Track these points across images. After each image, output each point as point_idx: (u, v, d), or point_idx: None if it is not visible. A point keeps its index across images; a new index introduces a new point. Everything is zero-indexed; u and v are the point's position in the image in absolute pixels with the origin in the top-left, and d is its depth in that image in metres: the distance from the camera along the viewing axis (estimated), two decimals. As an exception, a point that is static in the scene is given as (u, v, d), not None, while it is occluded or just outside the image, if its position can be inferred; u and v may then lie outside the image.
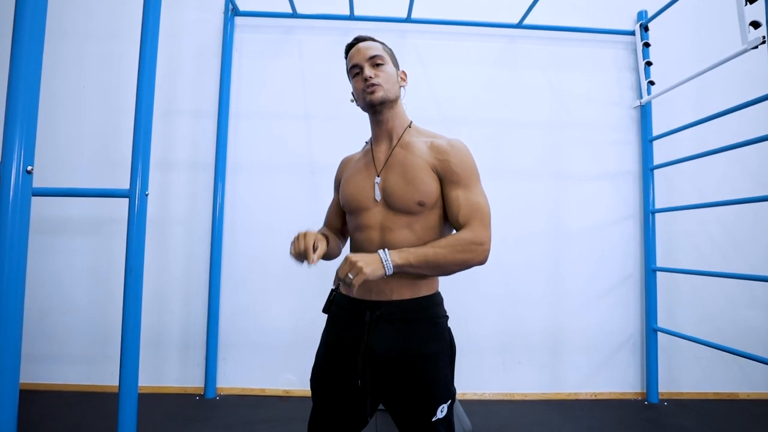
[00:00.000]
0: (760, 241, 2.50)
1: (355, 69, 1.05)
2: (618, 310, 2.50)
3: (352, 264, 0.85)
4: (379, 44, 1.07)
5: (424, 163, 0.98)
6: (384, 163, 1.03)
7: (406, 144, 1.03)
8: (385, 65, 1.03)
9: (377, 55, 1.03)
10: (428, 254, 0.90)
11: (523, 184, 2.52)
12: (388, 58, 1.06)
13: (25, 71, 0.83)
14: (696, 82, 2.36)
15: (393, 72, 1.05)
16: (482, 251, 0.92)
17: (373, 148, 1.08)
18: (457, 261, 0.91)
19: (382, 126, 1.06)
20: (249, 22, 2.52)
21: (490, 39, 2.57)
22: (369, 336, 0.95)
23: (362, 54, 1.03)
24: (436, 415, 0.94)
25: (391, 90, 1.03)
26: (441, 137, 1.04)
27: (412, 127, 1.08)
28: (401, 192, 0.98)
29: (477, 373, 2.42)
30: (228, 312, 2.41)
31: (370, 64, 1.02)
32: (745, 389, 2.46)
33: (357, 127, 2.55)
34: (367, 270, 0.85)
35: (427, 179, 0.97)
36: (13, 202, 0.79)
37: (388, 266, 0.87)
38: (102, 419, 1.97)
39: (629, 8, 2.58)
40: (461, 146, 1.01)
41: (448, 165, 0.97)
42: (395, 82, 1.05)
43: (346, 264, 0.86)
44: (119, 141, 2.42)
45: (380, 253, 0.88)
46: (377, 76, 1.01)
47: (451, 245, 0.91)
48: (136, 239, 1.24)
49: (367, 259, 0.86)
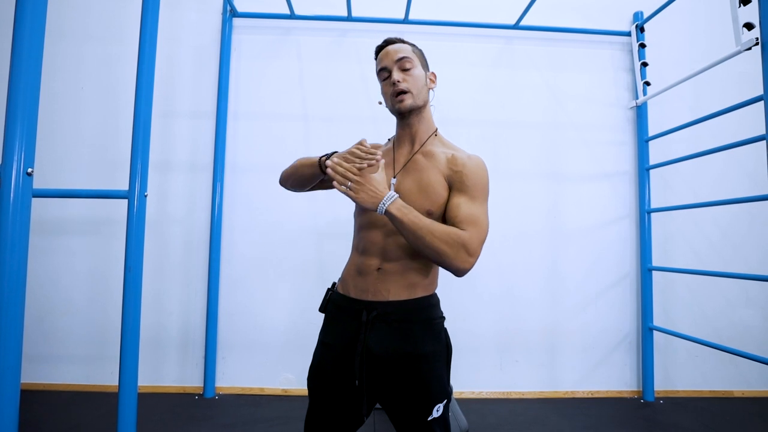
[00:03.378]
0: (755, 241, 2.51)
1: (383, 73, 1.05)
2: (614, 309, 2.51)
3: (359, 183, 0.91)
4: (409, 46, 1.06)
5: (438, 173, 0.99)
6: (402, 167, 1.04)
7: (428, 152, 1.04)
8: (413, 68, 1.03)
9: (405, 57, 1.02)
10: (421, 226, 0.90)
11: (520, 184, 2.53)
12: (417, 61, 1.05)
13: (25, 73, 0.83)
14: (691, 83, 2.38)
15: (422, 75, 1.04)
16: (466, 260, 0.90)
17: (395, 148, 1.09)
18: (438, 249, 0.90)
19: (406, 129, 1.07)
20: (247, 24, 2.53)
21: (487, 40, 2.59)
22: (366, 336, 0.96)
23: (390, 57, 1.03)
24: (432, 415, 0.95)
25: (419, 95, 1.03)
26: (462, 151, 1.04)
27: (437, 136, 1.08)
28: (413, 198, 0.98)
29: (474, 371, 2.44)
30: (227, 312, 2.42)
31: (399, 68, 1.02)
32: (740, 387, 2.48)
33: (355, 128, 2.57)
34: (359, 197, 0.91)
35: (439, 189, 0.98)
36: (14, 203, 0.80)
37: (381, 209, 0.91)
38: (102, 419, 1.98)
39: (625, 9, 2.59)
40: (479, 162, 1.01)
41: (461, 176, 0.98)
42: (423, 85, 1.04)
43: (358, 176, 0.91)
44: (118, 142, 2.42)
45: (387, 196, 0.91)
46: (405, 81, 1.01)
47: (446, 234, 0.90)
48: (135, 240, 1.25)
49: (370, 191, 0.91)
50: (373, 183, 0.91)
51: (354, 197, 0.91)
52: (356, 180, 0.91)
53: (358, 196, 0.90)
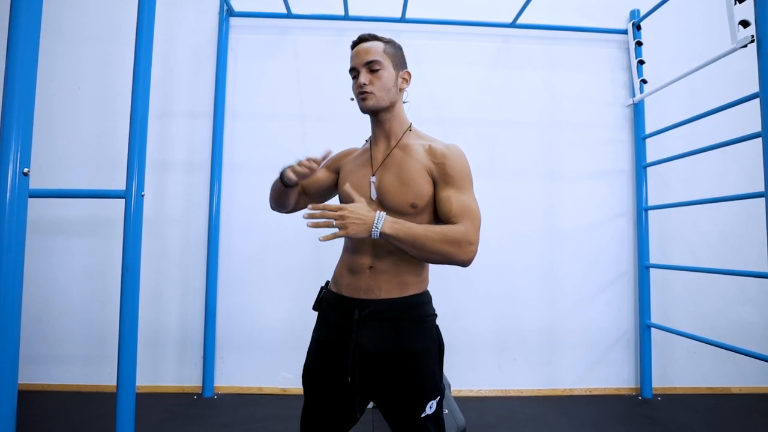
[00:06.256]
0: (752, 238, 2.52)
1: (353, 72, 1.06)
2: (612, 307, 2.52)
3: (343, 217, 0.89)
4: (381, 44, 1.05)
5: (419, 166, 1.00)
6: (381, 163, 1.04)
7: (405, 146, 1.04)
8: (382, 70, 1.02)
9: (374, 60, 1.02)
10: (418, 235, 0.90)
11: (518, 182, 2.53)
12: (389, 62, 1.04)
13: (21, 73, 0.83)
14: (688, 81, 2.38)
15: (390, 77, 1.04)
16: (470, 251, 0.92)
17: (372, 147, 1.10)
18: (442, 252, 0.90)
19: (380, 126, 1.08)
20: (244, 23, 2.53)
21: (485, 39, 2.59)
22: (358, 334, 0.96)
23: (360, 58, 1.03)
24: (425, 411, 0.95)
25: (384, 98, 1.03)
26: (439, 141, 1.05)
27: (412, 131, 1.09)
28: (395, 192, 0.99)
29: (473, 370, 2.44)
30: (225, 311, 2.42)
31: (367, 70, 1.02)
32: (737, 383, 2.49)
33: (353, 128, 2.55)
34: (351, 230, 0.88)
35: (421, 182, 0.99)
36: (10, 203, 0.80)
37: (375, 233, 0.90)
38: (100, 419, 1.97)
39: (622, 7, 2.60)
40: (458, 151, 1.01)
41: (443, 167, 0.98)
42: (391, 87, 1.04)
43: (339, 211, 0.89)
44: (116, 142, 2.42)
45: (375, 218, 0.90)
46: (371, 83, 1.02)
47: (443, 235, 0.91)
48: (132, 239, 1.25)
49: (358, 220, 0.89)
50: (356, 211, 0.89)
51: (346, 234, 0.88)
52: (338, 215, 0.89)
53: (348, 231, 0.88)
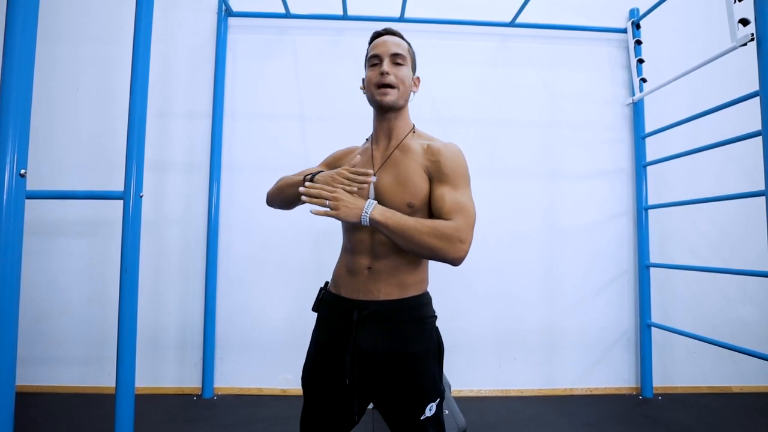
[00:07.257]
0: (752, 237, 2.51)
1: (374, 59, 1.03)
2: (612, 307, 2.52)
3: (336, 199, 0.90)
4: (406, 44, 1.06)
5: (417, 165, 0.99)
6: (381, 164, 1.04)
7: (405, 147, 1.04)
8: (405, 66, 1.03)
9: (400, 54, 1.02)
10: (407, 227, 0.90)
11: (518, 182, 2.53)
12: (409, 61, 1.05)
13: (18, 74, 0.83)
14: (687, 79, 2.38)
15: (409, 76, 1.04)
16: (460, 249, 0.89)
17: (373, 146, 1.09)
18: (431, 245, 0.89)
19: (384, 124, 1.06)
20: (243, 23, 2.52)
21: (484, 38, 2.58)
22: (356, 335, 0.96)
23: (387, 47, 1.02)
24: (425, 414, 0.94)
25: (403, 95, 1.03)
26: (438, 140, 1.05)
27: (415, 132, 1.08)
28: (392, 192, 0.99)
29: (473, 370, 2.44)
30: (224, 312, 2.41)
31: (391, 61, 1.01)
32: (738, 383, 2.49)
33: (352, 128, 2.55)
34: (342, 213, 0.89)
35: (418, 181, 0.98)
36: (7, 205, 0.79)
37: (364, 219, 0.90)
38: (99, 421, 1.97)
39: (621, 6, 2.59)
40: (455, 149, 1.01)
41: (439, 165, 0.98)
42: (409, 85, 1.05)
43: (334, 192, 0.90)
44: (114, 143, 2.41)
45: (366, 204, 0.91)
46: (395, 75, 1.01)
47: (433, 229, 0.89)
48: (131, 240, 1.25)
49: (351, 204, 0.90)
50: (343, 197, 0.90)
51: (336, 215, 0.89)
52: (333, 197, 0.90)
53: (339, 212, 0.89)
